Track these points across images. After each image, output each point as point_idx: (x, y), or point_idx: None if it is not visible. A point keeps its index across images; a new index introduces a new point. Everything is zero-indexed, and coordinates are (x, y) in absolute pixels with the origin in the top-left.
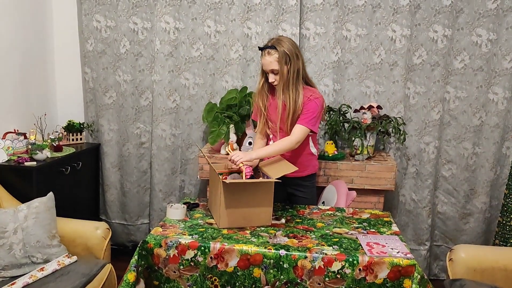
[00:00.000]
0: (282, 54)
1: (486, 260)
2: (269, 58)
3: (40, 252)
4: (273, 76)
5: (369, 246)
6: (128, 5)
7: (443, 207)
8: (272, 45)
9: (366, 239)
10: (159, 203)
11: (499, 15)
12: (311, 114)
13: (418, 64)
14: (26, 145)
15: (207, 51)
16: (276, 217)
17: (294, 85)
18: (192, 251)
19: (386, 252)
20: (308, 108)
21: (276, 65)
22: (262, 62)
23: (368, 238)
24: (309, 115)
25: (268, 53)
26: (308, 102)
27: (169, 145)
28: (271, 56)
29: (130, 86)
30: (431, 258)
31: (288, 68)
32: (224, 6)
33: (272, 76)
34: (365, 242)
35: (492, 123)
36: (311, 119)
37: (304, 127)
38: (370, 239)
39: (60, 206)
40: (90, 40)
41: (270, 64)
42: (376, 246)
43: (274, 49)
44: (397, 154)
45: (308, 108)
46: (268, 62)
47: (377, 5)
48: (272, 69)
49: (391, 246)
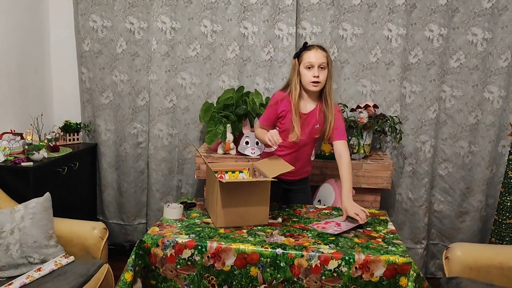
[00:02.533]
0: (329, 56)
1: (482, 258)
2: (321, 52)
3: (37, 253)
4: (319, 71)
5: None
6: (124, 5)
7: (440, 206)
8: (321, 45)
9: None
10: (156, 203)
11: (495, 14)
12: (343, 126)
13: (414, 63)
14: (22, 146)
15: (204, 51)
16: (273, 216)
17: (332, 93)
18: (189, 250)
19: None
20: (341, 119)
21: (326, 61)
22: (311, 55)
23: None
24: (343, 128)
25: (320, 48)
26: (338, 113)
27: (166, 145)
28: (323, 51)
29: (127, 86)
30: (427, 257)
31: (331, 73)
32: (221, 6)
33: (318, 71)
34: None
35: (487, 122)
36: (344, 131)
37: (345, 141)
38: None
39: (57, 206)
40: (87, 40)
41: (321, 57)
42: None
43: (323, 48)
44: (393, 153)
45: (342, 120)
46: (321, 55)
47: (373, 5)
48: (322, 62)
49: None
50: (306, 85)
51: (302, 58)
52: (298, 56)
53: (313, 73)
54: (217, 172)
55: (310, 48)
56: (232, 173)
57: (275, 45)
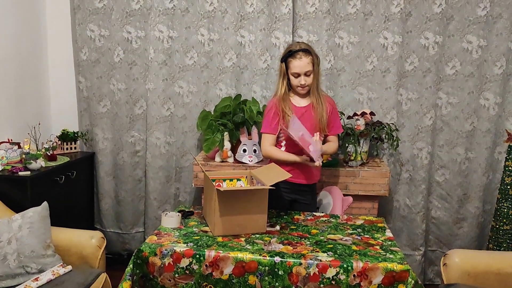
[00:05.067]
0: (315, 57)
1: (479, 264)
2: (305, 59)
3: (35, 262)
4: (305, 78)
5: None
6: (121, 14)
7: (437, 212)
8: (305, 49)
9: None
10: (154, 212)
11: (489, 21)
12: (339, 121)
13: (410, 70)
14: (20, 155)
15: (201, 59)
16: (271, 224)
17: (320, 89)
18: (187, 259)
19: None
20: (337, 115)
21: (311, 67)
22: (296, 65)
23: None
24: (339, 123)
25: (304, 55)
26: (332, 109)
27: (164, 153)
28: (307, 57)
29: (124, 94)
30: (425, 263)
31: (317, 71)
32: (218, 14)
33: (305, 78)
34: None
35: (484, 128)
36: (340, 126)
37: (338, 134)
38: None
39: (54, 215)
40: (84, 49)
41: (306, 65)
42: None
43: (307, 52)
44: (390, 160)
45: (337, 115)
46: (305, 64)
47: (369, 13)
48: (307, 70)
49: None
50: (294, 88)
51: (288, 65)
52: (284, 61)
53: (300, 81)
54: (215, 180)
55: (295, 55)
56: (230, 181)
57: (272, 53)
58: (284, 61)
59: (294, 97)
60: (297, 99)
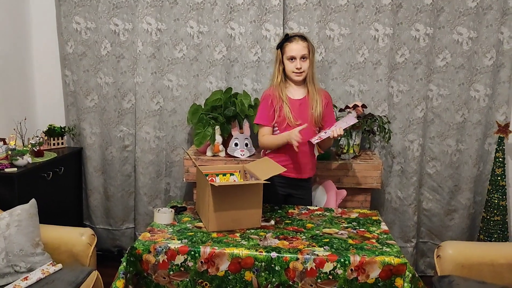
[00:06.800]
0: (311, 45)
1: (473, 256)
2: (302, 43)
3: (24, 261)
4: (301, 63)
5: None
6: (108, 6)
7: (428, 204)
8: (301, 35)
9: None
10: (144, 207)
11: (479, 13)
12: (333, 115)
13: (401, 62)
14: (6, 151)
15: (190, 52)
16: (265, 218)
17: (316, 81)
18: (181, 256)
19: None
20: (331, 109)
21: (307, 52)
22: (292, 48)
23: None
24: (333, 117)
25: (300, 39)
26: (329, 104)
27: (153, 148)
28: (303, 42)
29: (112, 88)
30: (417, 255)
31: (313, 60)
32: (207, 6)
33: (300, 63)
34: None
35: (474, 120)
36: (334, 120)
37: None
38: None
39: (43, 212)
40: (70, 42)
41: (302, 49)
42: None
43: (304, 38)
44: (382, 153)
45: (331, 110)
46: (301, 47)
47: (360, 5)
48: (303, 54)
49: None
50: (290, 74)
51: (284, 50)
52: (280, 47)
53: (296, 65)
54: (207, 175)
55: (292, 39)
56: (223, 175)
57: (262, 45)
58: (280, 47)
59: (290, 89)
60: (292, 91)
